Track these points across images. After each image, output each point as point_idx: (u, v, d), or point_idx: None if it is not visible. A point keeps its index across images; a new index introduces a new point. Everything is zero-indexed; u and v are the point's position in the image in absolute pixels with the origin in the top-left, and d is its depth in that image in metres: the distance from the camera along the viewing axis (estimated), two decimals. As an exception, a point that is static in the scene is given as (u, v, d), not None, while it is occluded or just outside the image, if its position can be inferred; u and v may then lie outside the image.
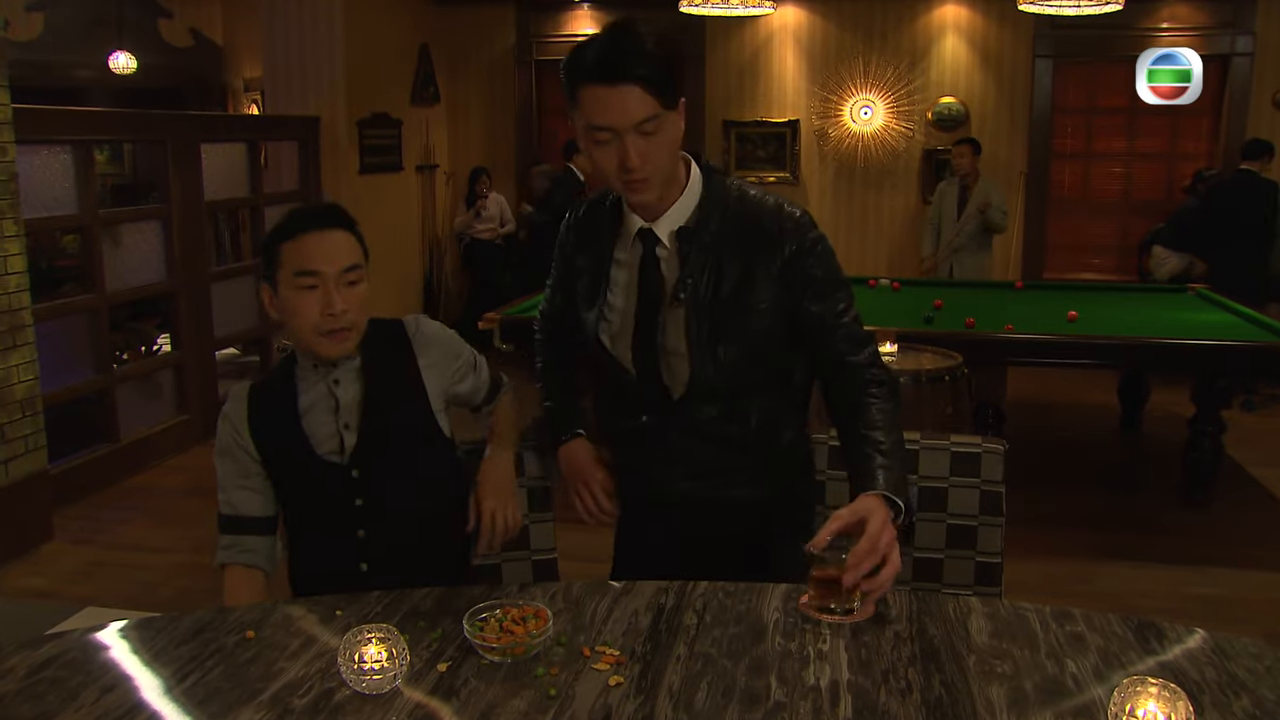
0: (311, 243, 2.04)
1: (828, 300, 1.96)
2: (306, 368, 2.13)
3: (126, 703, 1.52)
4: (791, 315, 1.96)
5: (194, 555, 4.46)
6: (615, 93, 1.80)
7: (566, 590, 1.87)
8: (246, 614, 1.79)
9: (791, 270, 1.93)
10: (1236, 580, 4.20)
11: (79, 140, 5.16)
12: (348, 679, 1.53)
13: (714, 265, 1.93)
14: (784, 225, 1.94)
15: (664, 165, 1.88)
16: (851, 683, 1.55)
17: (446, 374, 2.22)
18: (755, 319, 1.94)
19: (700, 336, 1.94)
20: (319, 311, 2.02)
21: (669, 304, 1.96)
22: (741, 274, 1.93)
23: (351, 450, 2.09)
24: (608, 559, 2.30)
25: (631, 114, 1.80)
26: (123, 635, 1.74)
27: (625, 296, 2.01)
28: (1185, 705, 1.35)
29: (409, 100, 8.51)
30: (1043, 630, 1.71)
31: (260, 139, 7.07)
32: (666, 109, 1.83)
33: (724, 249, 1.94)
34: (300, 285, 2.02)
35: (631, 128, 1.81)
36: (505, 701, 1.51)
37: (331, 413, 2.10)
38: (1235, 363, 4.68)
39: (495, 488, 2.20)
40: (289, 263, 2.03)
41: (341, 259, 2.05)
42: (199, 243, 6.08)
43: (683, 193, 1.96)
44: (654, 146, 1.84)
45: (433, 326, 2.26)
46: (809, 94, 8.71)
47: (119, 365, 5.74)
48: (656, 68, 1.80)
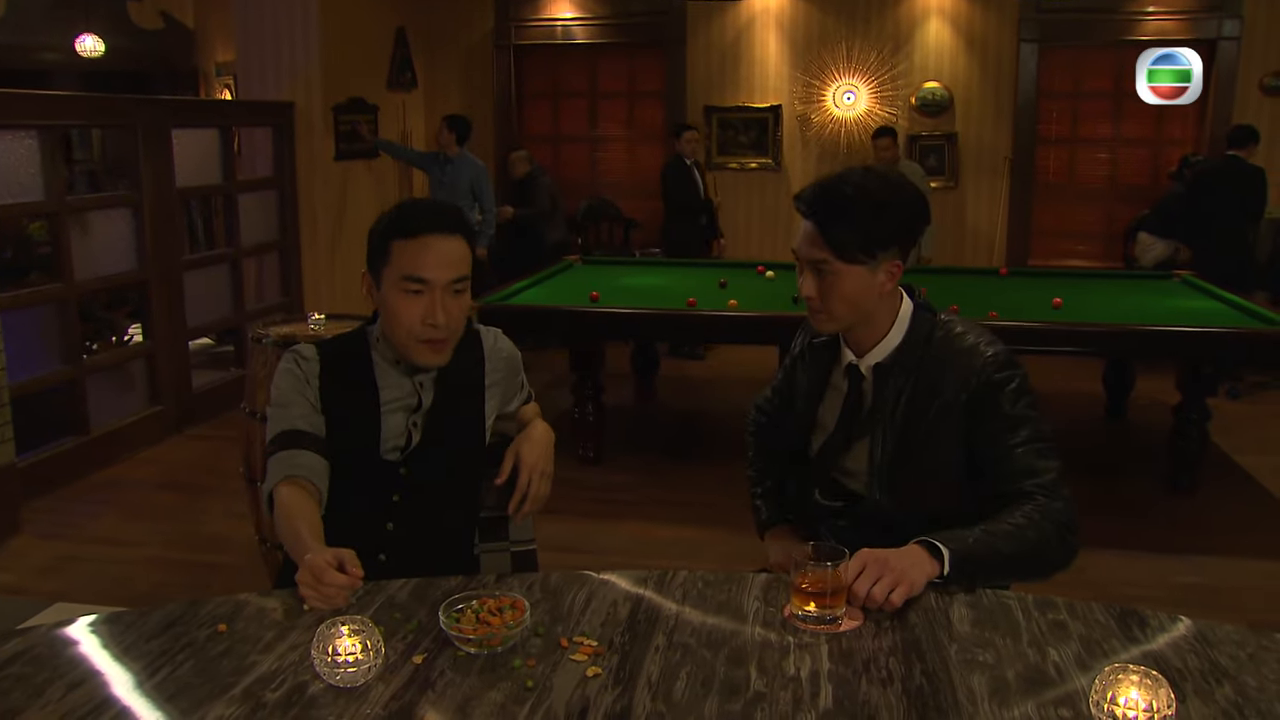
0: (427, 247, 2.02)
1: (1005, 434, 2.01)
2: (386, 360, 2.15)
3: (94, 699, 1.51)
4: (969, 447, 2.04)
5: (167, 550, 4.44)
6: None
7: (544, 581, 1.87)
8: (218, 607, 1.79)
9: (974, 403, 2.02)
10: (1222, 568, 4.23)
11: (45, 125, 5.11)
12: (321, 672, 1.53)
13: (906, 400, 2.07)
14: (973, 363, 2.03)
15: (839, 309, 2.06)
16: (832, 672, 1.56)
17: (507, 393, 2.29)
18: (937, 453, 2.06)
19: (879, 469, 2.10)
20: (420, 320, 2.02)
21: (857, 434, 2.14)
22: (927, 410, 2.05)
23: (411, 451, 2.12)
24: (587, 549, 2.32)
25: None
26: (91, 630, 1.72)
27: (832, 419, 2.20)
28: (1167, 693, 1.37)
29: (385, 85, 8.46)
30: (1025, 619, 1.72)
31: (233, 125, 7.02)
32: (840, 260, 2.00)
33: (917, 386, 2.07)
34: (406, 289, 2.02)
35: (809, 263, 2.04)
36: (482, 694, 1.51)
37: (407, 412, 2.13)
38: (1220, 349, 4.72)
39: (538, 446, 2.24)
40: (399, 263, 2.02)
41: (453, 269, 2.04)
42: (171, 230, 6.04)
43: (891, 329, 2.11)
44: (827, 287, 2.03)
45: (507, 345, 2.31)
46: (791, 79, 8.71)
47: (89, 356, 5.69)
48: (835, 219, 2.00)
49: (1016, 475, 1.98)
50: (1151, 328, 4.73)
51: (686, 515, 4.75)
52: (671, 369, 7.25)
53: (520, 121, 9.44)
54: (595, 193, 9.24)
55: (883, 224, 2.01)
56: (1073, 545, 1.96)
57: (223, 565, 4.25)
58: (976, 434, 2.03)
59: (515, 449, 2.23)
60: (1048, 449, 2.01)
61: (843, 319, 2.08)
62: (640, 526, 4.65)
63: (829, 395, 2.22)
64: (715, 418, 6.53)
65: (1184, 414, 4.95)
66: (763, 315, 5.03)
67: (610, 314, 5.14)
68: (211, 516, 4.77)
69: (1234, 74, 8.07)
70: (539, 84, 9.45)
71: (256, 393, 3.70)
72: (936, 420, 2.05)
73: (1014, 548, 1.88)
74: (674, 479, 5.30)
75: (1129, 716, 1.36)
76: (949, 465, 2.06)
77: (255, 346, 3.75)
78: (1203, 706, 1.47)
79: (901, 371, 2.08)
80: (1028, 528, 1.91)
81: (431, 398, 2.15)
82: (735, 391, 6.78)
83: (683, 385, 7.21)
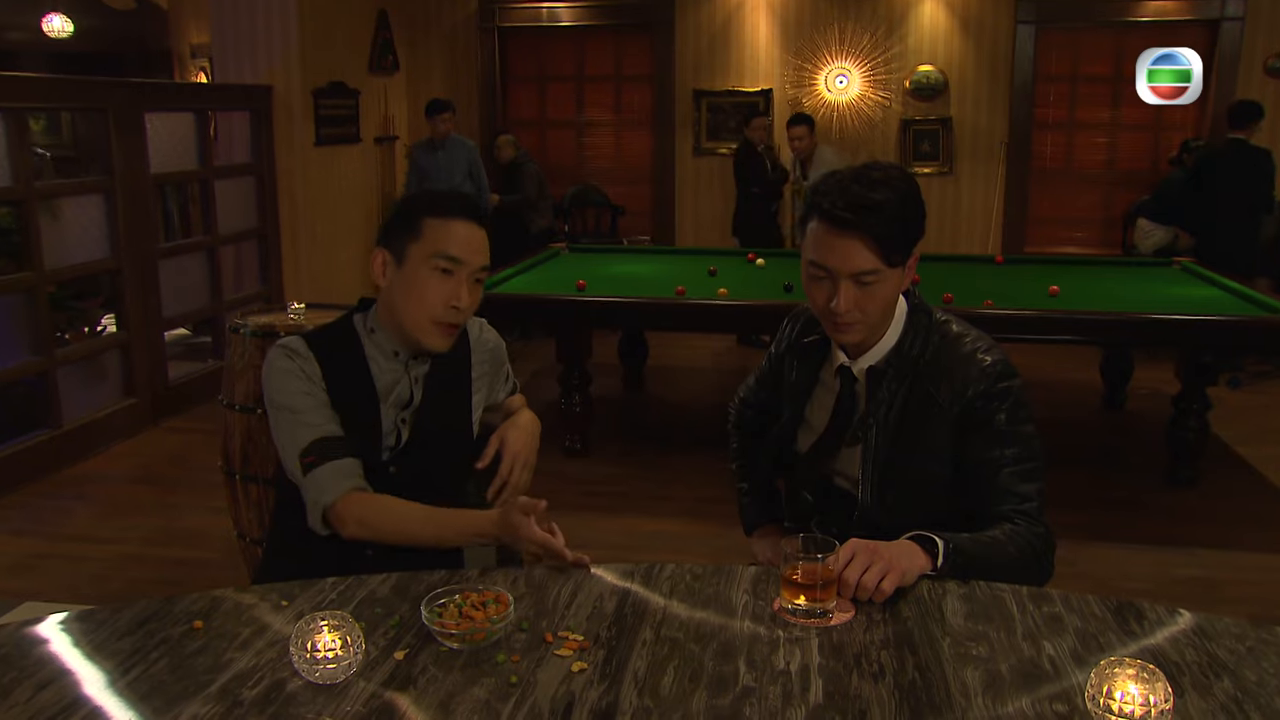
0: (460, 229, 2.06)
1: (994, 450, 2.00)
2: (382, 352, 2.14)
3: (64, 699, 1.50)
4: (959, 455, 2.03)
5: (143, 546, 4.43)
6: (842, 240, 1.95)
7: (529, 574, 1.88)
8: (194, 604, 1.78)
9: (968, 414, 2.01)
10: (1223, 561, 4.25)
11: (12, 108, 5.08)
12: (300, 669, 1.53)
13: (899, 407, 2.06)
14: (970, 372, 2.02)
15: (876, 317, 2.02)
16: (823, 666, 1.56)
17: (494, 385, 2.31)
18: (929, 461, 2.05)
19: (870, 475, 2.09)
20: (444, 301, 2.04)
21: (848, 440, 2.13)
22: (921, 417, 2.04)
23: (401, 447, 2.13)
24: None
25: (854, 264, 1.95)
26: (61, 629, 1.71)
27: (821, 418, 2.19)
28: (1164, 686, 1.37)
29: (367, 69, 8.43)
30: (1019, 612, 1.73)
31: (209, 109, 6.99)
32: (890, 267, 1.96)
33: (911, 393, 2.05)
34: (437, 267, 2.04)
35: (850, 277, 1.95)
36: (465, 690, 1.51)
37: (398, 407, 2.13)
38: (1221, 338, 4.73)
39: (523, 434, 2.26)
40: (433, 240, 2.04)
41: (482, 256, 2.09)
42: (145, 218, 6.01)
43: (886, 331, 2.08)
44: (867, 297, 1.97)
45: (493, 335, 2.33)
46: (782, 62, 8.70)
47: (60, 347, 5.66)
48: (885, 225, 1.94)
49: (999, 497, 1.99)
50: (1150, 316, 4.74)
51: (675, 508, 4.76)
52: (660, 358, 7.25)
53: (505, 106, 9.41)
54: (582, 179, 9.23)
55: (918, 219, 2.00)
56: (1048, 569, 1.99)
57: (200, 561, 4.24)
58: (966, 447, 2.02)
59: (500, 435, 2.24)
60: (1034, 470, 2.01)
61: (876, 326, 2.05)
62: (628, 520, 4.65)
63: (818, 393, 2.21)
64: (704, 409, 6.53)
65: (1184, 404, 4.96)
66: (754, 304, 5.03)
67: (597, 303, 5.14)
68: (188, 511, 4.76)
69: (1237, 55, 8.07)
70: (524, 67, 9.43)
71: (234, 384, 3.69)
72: (930, 428, 2.04)
73: (1001, 556, 1.91)
74: (662, 471, 5.30)
75: (1126, 711, 1.36)
76: (940, 473, 2.06)
77: (233, 337, 3.74)
78: (1201, 701, 1.47)
79: (896, 376, 2.07)
80: (1007, 543, 1.93)
81: (421, 394, 2.15)
82: (724, 382, 6.78)
83: (671, 376, 7.21)
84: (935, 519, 1.95)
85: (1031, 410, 2.05)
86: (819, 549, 1.72)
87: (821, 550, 1.71)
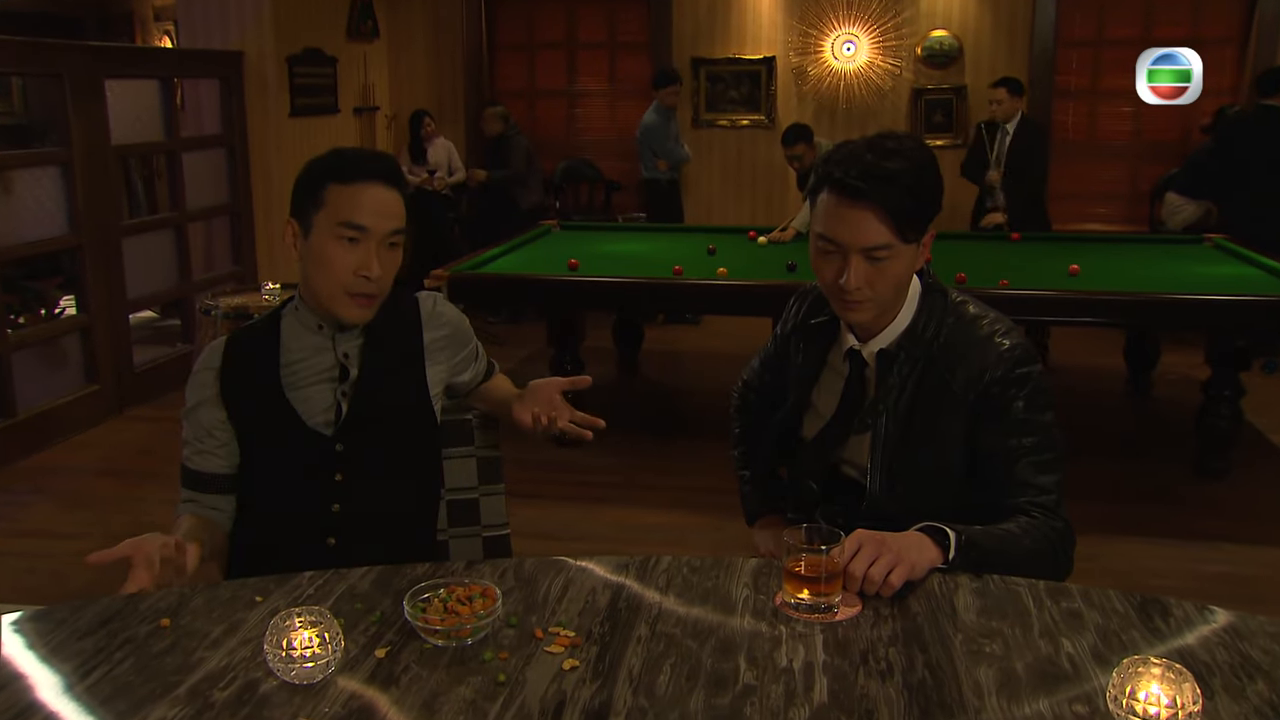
0: (366, 194, 2.05)
1: (1012, 439, 2.00)
2: (305, 327, 2.16)
3: (18, 703, 1.49)
4: (973, 445, 2.03)
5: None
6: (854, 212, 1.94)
7: (518, 567, 1.88)
8: (161, 600, 1.78)
9: (985, 401, 2.01)
10: (1255, 557, 4.26)
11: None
12: (275, 668, 1.53)
13: (911, 392, 2.06)
14: (987, 357, 2.01)
15: (888, 295, 2.02)
16: (827, 664, 1.57)
17: (452, 362, 2.29)
18: (942, 449, 2.05)
19: (879, 464, 2.09)
20: (353, 270, 2.04)
21: (857, 427, 2.13)
22: (935, 403, 2.04)
23: (342, 423, 2.12)
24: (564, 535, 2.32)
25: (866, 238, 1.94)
26: (14, 629, 1.71)
27: (828, 403, 2.19)
28: (1192, 688, 1.36)
29: (345, 34, 8.40)
30: (1036, 607, 1.73)
31: (175, 76, 6.96)
32: (904, 242, 1.96)
33: (925, 377, 2.04)
34: (342, 236, 2.04)
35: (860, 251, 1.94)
36: (450, 689, 1.51)
37: (333, 382, 2.14)
38: (1255, 320, 4.71)
39: (543, 396, 2.31)
40: (336, 208, 2.04)
41: (392, 220, 2.08)
42: (107, 192, 5.99)
43: (899, 312, 2.08)
44: (878, 274, 1.97)
45: (450, 310, 2.32)
46: (786, 28, 8.67)
47: (14, 330, 5.65)
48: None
49: (1015, 489, 1.99)
50: (1178, 296, 4.72)
51: (672, 499, 4.77)
52: (657, 341, 7.25)
53: (492, 76, 9.39)
54: (574, 153, 9.21)
55: (935, 193, 1.99)
56: (1066, 565, 1.99)
57: (167, 558, 4.23)
58: (982, 435, 2.03)
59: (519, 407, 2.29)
60: (1054, 461, 2.01)
61: (888, 306, 2.05)
62: (622, 511, 4.66)
63: (825, 377, 2.21)
64: (703, 394, 6.54)
65: (1214, 390, 4.96)
66: (755, 284, 5.03)
67: (590, 283, 5.14)
68: (155, 504, 4.74)
69: (1278, 13, 8.01)
70: (513, 35, 9.40)
71: (203, 369, 3.68)
72: (943, 415, 2.04)
73: (1015, 550, 1.91)
74: (659, 460, 5.31)
75: (1151, 713, 1.35)
76: (954, 463, 2.06)
77: (204, 319, 3.75)
78: (1233, 704, 1.46)
79: (908, 360, 2.06)
80: (1022, 536, 1.93)
81: (359, 367, 2.15)
82: (724, 366, 6.75)
83: (668, 360, 7.21)
84: (947, 510, 1.95)
85: (1053, 398, 2.05)
86: (823, 540, 1.72)
87: (826, 541, 1.72)
